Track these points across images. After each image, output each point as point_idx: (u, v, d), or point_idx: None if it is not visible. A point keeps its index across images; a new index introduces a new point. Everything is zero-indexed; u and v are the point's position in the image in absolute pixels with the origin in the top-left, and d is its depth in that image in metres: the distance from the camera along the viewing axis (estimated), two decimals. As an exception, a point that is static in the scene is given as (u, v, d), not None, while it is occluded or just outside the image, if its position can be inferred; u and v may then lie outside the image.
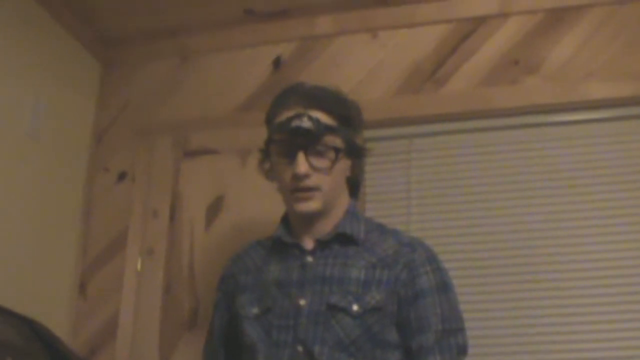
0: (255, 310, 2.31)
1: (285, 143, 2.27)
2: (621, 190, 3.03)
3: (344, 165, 2.36)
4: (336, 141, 2.30)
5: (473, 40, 3.31)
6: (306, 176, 2.24)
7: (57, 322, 3.16)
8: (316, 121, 2.25)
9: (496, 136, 3.20)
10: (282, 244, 2.37)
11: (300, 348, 2.19)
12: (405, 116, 3.26)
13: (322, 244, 2.33)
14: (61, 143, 3.38)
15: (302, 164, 2.23)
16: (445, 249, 3.03)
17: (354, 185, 2.49)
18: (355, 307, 2.20)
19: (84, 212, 3.47)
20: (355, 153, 2.40)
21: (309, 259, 2.31)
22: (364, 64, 3.39)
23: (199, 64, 3.59)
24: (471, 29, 3.33)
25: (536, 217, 3.06)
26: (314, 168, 2.25)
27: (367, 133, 3.23)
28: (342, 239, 2.33)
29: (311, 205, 2.27)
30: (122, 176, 3.49)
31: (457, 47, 3.32)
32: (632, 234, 2.97)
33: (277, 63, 3.49)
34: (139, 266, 3.31)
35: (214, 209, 3.32)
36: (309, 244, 2.34)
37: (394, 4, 3.39)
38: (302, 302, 2.24)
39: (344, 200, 2.41)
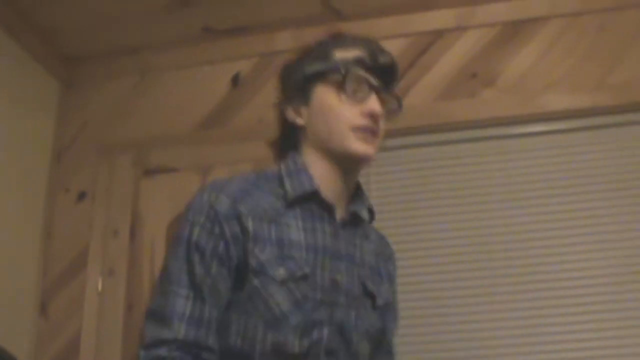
0: (281, 273, 1.85)
1: (355, 79, 1.97)
2: (581, 201, 3.06)
3: None
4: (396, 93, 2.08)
5: (431, 54, 3.34)
6: (380, 117, 1.98)
7: (19, 343, 3.13)
8: (397, 63, 2.03)
9: (456, 149, 3.21)
10: (312, 200, 1.96)
11: (326, 332, 1.87)
12: (364, 130, 3.25)
13: (351, 217, 2.02)
14: (21, 163, 3.36)
15: (376, 103, 1.96)
16: (405, 263, 3.06)
17: None
18: (380, 299, 2.02)
19: (44, 232, 3.44)
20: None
21: (341, 230, 1.97)
22: (323, 79, 3.38)
23: (158, 81, 3.58)
24: (429, 42, 3.35)
25: (497, 230, 3.08)
26: (382, 113, 2.00)
27: (327, 148, 3.27)
28: (358, 216, 2.06)
29: (371, 150, 1.97)
30: (82, 196, 3.47)
31: (415, 61, 3.33)
32: (594, 243, 3.00)
33: (235, 80, 3.48)
34: (100, 286, 3.28)
35: (175, 227, 3.30)
36: (339, 211, 2.00)
37: (351, 19, 3.41)
38: (339, 277, 1.92)
39: None
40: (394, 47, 3.32)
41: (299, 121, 2.01)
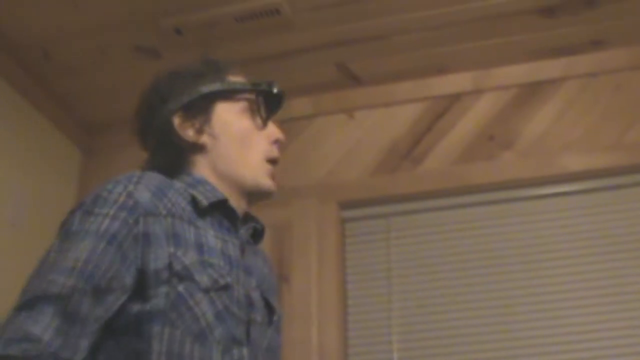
0: (205, 280, 1.64)
1: (255, 98, 1.92)
2: (599, 262, 3.03)
3: None
4: None
5: (448, 118, 3.35)
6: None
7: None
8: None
9: (474, 212, 3.21)
10: (220, 211, 1.80)
11: (245, 351, 1.69)
12: (383, 195, 3.28)
13: (251, 234, 1.91)
14: (42, 230, 3.37)
15: (280, 130, 1.93)
16: (428, 326, 3.05)
17: None
18: (276, 315, 1.87)
19: (66, 299, 3.44)
20: None
21: (245, 245, 1.83)
22: (341, 144, 3.42)
23: (178, 148, 3.59)
24: (446, 106, 3.37)
25: (516, 292, 3.06)
26: None
27: (346, 213, 3.28)
28: (257, 233, 1.94)
29: (275, 185, 1.89)
30: (103, 262, 3.47)
31: (432, 125, 3.35)
32: (611, 305, 2.97)
33: (255, 145, 3.50)
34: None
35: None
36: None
37: (369, 84, 3.44)
38: (253, 293, 1.78)
39: None
40: (411, 112, 3.38)
41: (201, 141, 1.84)
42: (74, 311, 1.52)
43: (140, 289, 1.58)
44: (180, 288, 1.59)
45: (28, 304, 1.55)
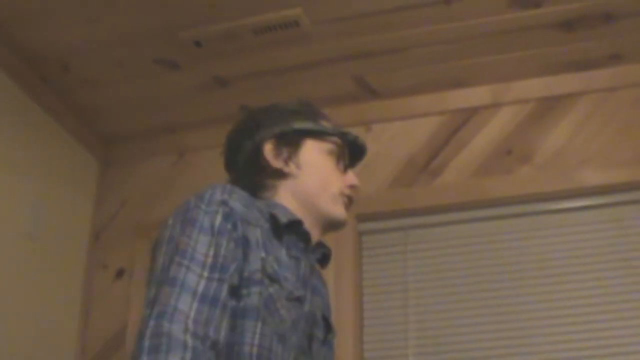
0: (286, 289, 1.80)
1: (341, 146, 2.08)
2: (619, 277, 3.02)
3: None
4: None
5: (466, 131, 3.35)
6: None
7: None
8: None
9: (491, 226, 3.21)
10: (293, 232, 1.91)
11: None
12: (400, 208, 3.28)
13: (320, 257, 2.05)
14: (60, 241, 3.40)
15: (356, 178, 2.08)
16: (445, 340, 3.04)
17: None
18: (331, 334, 2.05)
19: (82, 309, 3.46)
20: None
21: (314, 267, 2.00)
22: (358, 157, 3.40)
23: (196, 160, 3.62)
24: (464, 119, 3.37)
25: (534, 306, 3.05)
26: None
27: (363, 226, 3.29)
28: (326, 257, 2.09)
29: (346, 217, 2.05)
30: (120, 273, 3.49)
31: (450, 139, 3.35)
32: (630, 319, 2.96)
33: (272, 157, 3.51)
34: (138, 364, 3.28)
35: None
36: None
37: (387, 97, 3.44)
38: (317, 312, 1.94)
39: None
40: (428, 125, 3.38)
41: (287, 169, 2.00)
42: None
43: (236, 287, 1.71)
44: (271, 290, 1.75)
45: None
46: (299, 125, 2.04)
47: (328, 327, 2.01)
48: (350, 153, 2.12)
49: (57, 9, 2.97)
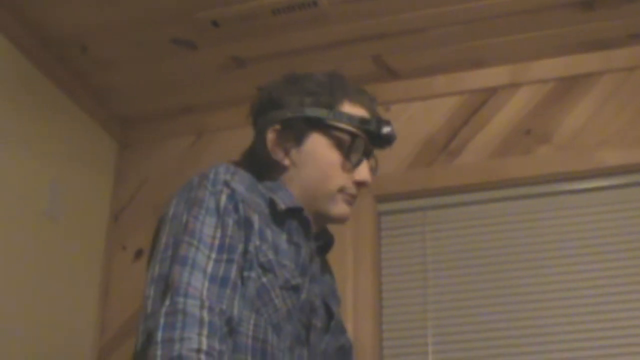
0: (281, 278, 1.78)
1: (354, 139, 1.95)
2: (637, 257, 3.01)
3: None
4: None
5: (485, 111, 3.34)
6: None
7: (76, 402, 3.16)
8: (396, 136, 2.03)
9: (510, 206, 3.20)
10: (294, 218, 1.89)
11: (305, 352, 1.83)
12: (419, 189, 3.28)
13: (322, 245, 2.04)
14: (79, 222, 3.41)
15: (369, 173, 1.98)
16: (463, 320, 3.05)
17: None
18: (334, 320, 2.01)
19: (102, 289, 3.47)
20: None
21: (315, 255, 1.95)
22: (377, 137, 3.39)
23: (215, 141, 3.62)
24: (483, 100, 3.36)
25: (552, 287, 3.04)
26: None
27: (382, 206, 3.29)
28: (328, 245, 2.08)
29: (349, 212, 1.97)
30: (139, 253, 3.50)
31: (469, 119, 3.34)
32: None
33: (291, 138, 3.51)
34: (157, 344, 3.29)
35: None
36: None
37: (406, 77, 3.43)
38: (316, 300, 1.90)
39: None
40: (447, 105, 3.37)
41: (286, 162, 1.94)
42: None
43: (242, 266, 1.71)
44: (264, 280, 1.72)
45: None
46: (311, 112, 1.93)
47: (330, 314, 1.97)
48: (374, 141, 1.99)
49: (76, -10, 2.98)
